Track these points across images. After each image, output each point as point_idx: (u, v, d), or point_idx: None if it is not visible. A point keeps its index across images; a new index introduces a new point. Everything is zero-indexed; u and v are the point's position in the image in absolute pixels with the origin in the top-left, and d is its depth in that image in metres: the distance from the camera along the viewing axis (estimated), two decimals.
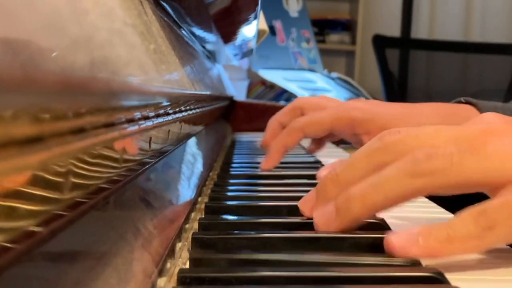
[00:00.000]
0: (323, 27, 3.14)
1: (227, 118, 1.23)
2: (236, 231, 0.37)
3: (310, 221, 0.39)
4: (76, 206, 0.20)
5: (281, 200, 0.47)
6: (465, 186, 0.35)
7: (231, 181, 0.59)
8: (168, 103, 0.36)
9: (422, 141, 0.37)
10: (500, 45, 2.46)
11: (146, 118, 0.29)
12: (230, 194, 0.52)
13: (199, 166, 0.58)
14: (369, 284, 0.29)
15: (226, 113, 1.21)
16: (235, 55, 1.20)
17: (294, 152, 0.79)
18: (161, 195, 0.39)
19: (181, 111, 0.43)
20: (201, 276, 0.28)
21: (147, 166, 0.35)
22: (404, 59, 2.30)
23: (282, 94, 2.34)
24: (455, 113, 0.64)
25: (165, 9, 0.55)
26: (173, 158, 0.48)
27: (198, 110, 0.56)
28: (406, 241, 0.32)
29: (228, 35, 0.84)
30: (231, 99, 1.21)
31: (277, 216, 0.43)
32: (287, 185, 0.57)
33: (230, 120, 1.24)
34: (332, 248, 0.35)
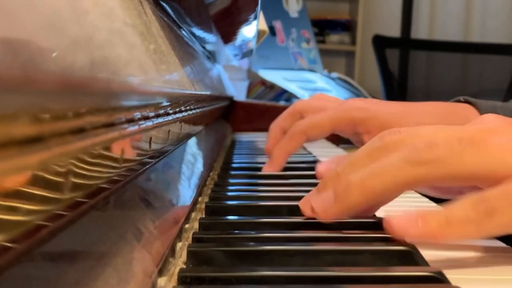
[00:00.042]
0: (323, 27, 3.14)
1: (227, 118, 1.23)
2: (236, 231, 0.37)
3: (310, 221, 0.39)
4: (76, 206, 0.21)
5: (281, 200, 0.47)
6: (465, 177, 0.35)
7: (231, 181, 0.59)
8: (168, 103, 0.36)
9: (423, 137, 0.37)
10: (500, 45, 2.46)
11: (146, 118, 0.29)
12: (230, 194, 0.52)
13: (199, 166, 0.58)
14: (369, 283, 0.29)
15: (226, 113, 1.21)
16: (235, 56, 1.20)
17: (294, 153, 0.79)
18: (161, 195, 0.39)
19: (181, 111, 0.43)
20: (201, 276, 0.28)
21: (147, 166, 0.35)
22: (404, 59, 2.30)
23: (282, 94, 2.34)
24: (454, 112, 0.64)
25: (165, 9, 0.55)
26: (173, 158, 0.48)
27: (198, 110, 0.56)
28: (405, 222, 0.33)
29: (228, 35, 0.84)
30: (231, 99, 1.21)
31: (277, 216, 0.43)
32: (287, 185, 0.57)
33: (230, 120, 1.24)
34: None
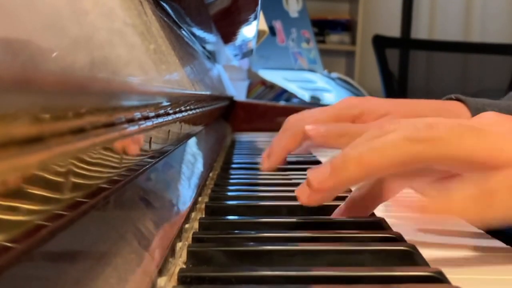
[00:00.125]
0: (323, 27, 3.14)
1: (227, 118, 1.23)
2: (236, 231, 0.37)
3: (310, 221, 0.39)
4: (76, 206, 0.21)
5: (281, 200, 0.47)
6: (463, 160, 0.35)
7: (231, 181, 0.59)
8: (168, 103, 0.36)
9: (420, 130, 0.37)
10: (500, 45, 2.46)
11: (146, 118, 0.29)
12: (230, 194, 0.52)
13: (199, 166, 0.58)
14: (369, 283, 0.29)
15: (226, 113, 1.21)
16: (235, 56, 1.20)
17: (295, 152, 0.79)
18: (161, 195, 0.39)
19: (181, 111, 0.43)
20: (201, 276, 0.28)
21: (147, 166, 0.35)
22: (404, 59, 2.30)
23: (282, 94, 2.34)
24: (447, 109, 0.65)
25: (165, 9, 0.55)
26: (173, 158, 0.48)
27: (198, 110, 0.56)
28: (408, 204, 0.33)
29: (228, 35, 0.84)
30: (231, 99, 1.21)
31: (277, 216, 0.43)
32: (287, 185, 0.57)
33: (230, 120, 1.24)
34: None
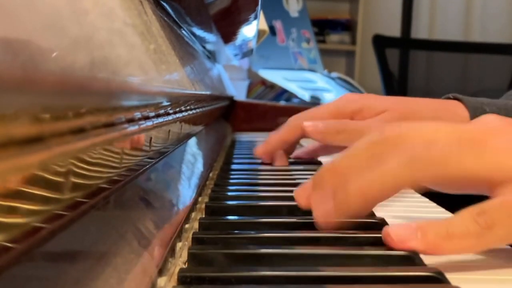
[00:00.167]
0: (323, 27, 3.14)
1: (227, 118, 1.23)
2: (236, 231, 0.37)
3: (310, 221, 0.39)
4: (76, 206, 0.21)
5: (281, 200, 0.47)
6: (463, 180, 0.34)
7: (231, 181, 0.59)
8: (168, 103, 0.36)
9: (423, 135, 0.37)
10: (500, 45, 2.46)
11: (146, 118, 0.29)
12: (230, 194, 0.52)
13: (199, 166, 0.58)
14: (369, 283, 0.29)
15: (226, 113, 1.21)
16: (235, 55, 1.20)
17: (296, 155, 0.79)
18: (161, 195, 0.39)
19: (181, 111, 0.43)
20: (201, 276, 0.28)
21: (147, 166, 0.35)
22: (404, 59, 2.30)
23: (282, 94, 2.34)
24: (445, 108, 0.65)
25: (165, 9, 0.55)
26: (173, 158, 0.48)
27: (198, 110, 0.56)
28: (404, 234, 0.32)
29: (228, 35, 0.84)
30: (231, 99, 1.21)
31: (277, 216, 0.43)
32: (287, 185, 0.57)
33: (230, 120, 1.24)
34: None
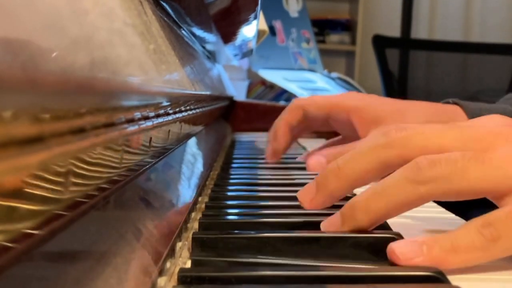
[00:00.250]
0: (323, 27, 3.14)
1: (227, 118, 1.23)
2: (236, 231, 0.37)
3: (310, 221, 0.39)
4: (76, 206, 0.21)
5: (281, 200, 0.47)
6: (470, 192, 0.34)
7: (231, 181, 0.59)
8: (168, 103, 0.36)
9: (428, 138, 0.36)
10: (500, 45, 2.46)
11: (146, 118, 0.29)
12: (230, 194, 0.52)
13: (199, 166, 0.58)
14: (369, 283, 0.29)
15: (226, 113, 1.21)
16: (235, 55, 1.20)
17: (295, 152, 0.79)
18: (161, 195, 0.39)
19: (181, 111, 0.43)
20: (201, 276, 0.28)
21: (147, 166, 0.35)
22: (404, 59, 2.30)
23: (282, 94, 2.34)
24: (444, 113, 0.66)
25: (165, 9, 0.55)
26: (173, 158, 0.48)
27: (198, 110, 0.56)
28: (409, 250, 0.32)
29: (228, 35, 0.84)
30: (231, 99, 1.21)
31: (277, 216, 0.43)
32: (287, 185, 0.57)
33: (230, 120, 1.24)
34: (332, 248, 0.35)
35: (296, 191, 0.49)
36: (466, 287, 0.28)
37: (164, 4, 0.54)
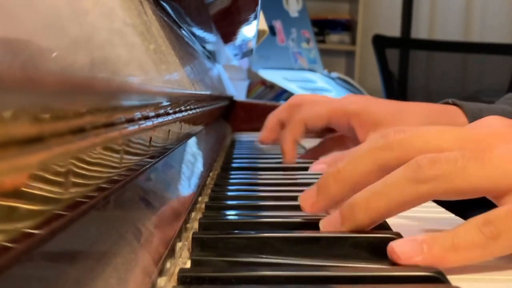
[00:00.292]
0: (323, 27, 3.14)
1: (227, 118, 1.23)
2: (236, 231, 0.37)
3: (310, 221, 0.39)
4: (76, 206, 0.21)
5: (281, 200, 0.47)
6: (469, 191, 0.34)
7: (231, 181, 0.59)
8: (168, 103, 0.36)
9: (427, 140, 0.36)
10: (500, 45, 2.46)
11: (146, 118, 0.29)
12: (230, 194, 0.52)
13: (199, 166, 0.58)
14: (369, 283, 0.29)
15: (226, 113, 1.21)
16: (235, 55, 1.20)
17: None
18: (161, 195, 0.39)
19: (181, 111, 0.43)
20: (201, 276, 0.28)
21: (147, 166, 0.35)
22: (404, 59, 2.30)
23: (282, 94, 2.34)
24: (443, 114, 0.66)
25: (165, 9, 0.55)
26: (173, 158, 0.48)
27: (198, 110, 0.56)
28: (410, 249, 0.32)
29: (228, 35, 0.84)
30: (231, 99, 1.21)
31: (277, 216, 0.43)
32: (287, 185, 0.57)
33: (230, 120, 1.24)
34: (332, 248, 0.35)
35: (296, 191, 0.49)
36: (466, 287, 0.28)
37: (164, 4, 0.54)
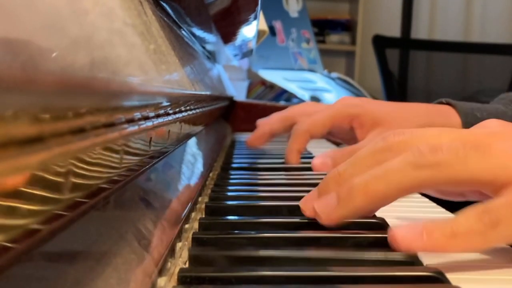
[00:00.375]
0: (323, 27, 3.14)
1: (227, 118, 1.23)
2: (236, 231, 0.37)
3: (310, 221, 0.39)
4: (76, 206, 0.21)
5: (281, 200, 0.47)
6: (468, 181, 0.35)
7: (231, 181, 0.59)
8: (168, 103, 0.36)
9: (428, 140, 0.37)
10: (500, 45, 2.46)
11: (146, 118, 0.29)
12: (230, 194, 0.52)
13: (199, 166, 0.58)
14: (369, 283, 0.29)
15: (226, 113, 1.21)
16: (235, 56, 1.20)
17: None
18: (161, 195, 0.39)
19: (181, 111, 0.43)
20: (201, 276, 0.28)
21: (147, 166, 0.35)
22: (404, 59, 2.30)
23: (282, 94, 2.34)
24: (438, 113, 0.68)
25: (165, 9, 0.55)
26: (173, 158, 0.48)
27: (198, 110, 0.56)
28: (409, 235, 0.32)
29: (228, 35, 0.84)
30: (231, 99, 1.21)
31: (277, 216, 0.43)
32: (287, 185, 0.57)
33: (230, 120, 1.24)
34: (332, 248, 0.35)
35: (296, 191, 0.49)
36: (466, 287, 0.28)
37: (164, 4, 0.54)
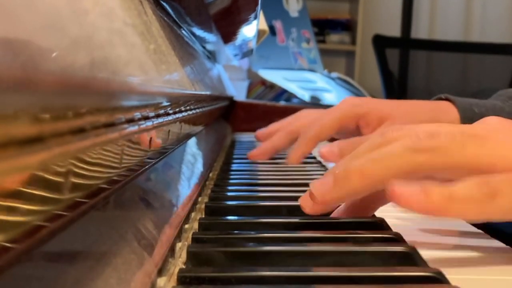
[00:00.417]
0: (323, 27, 3.14)
1: (227, 118, 1.23)
2: (236, 231, 0.37)
3: (310, 221, 0.39)
4: (76, 206, 0.21)
5: (281, 200, 0.47)
6: (465, 168, 0.35)
7: (231, 181, 0.59)
8: (168, 103, 0.36)
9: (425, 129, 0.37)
10: (500, 45, 2.46)
11: (146, 118, 0.29)
12: (230, 194, 0.52)
13: (199, 166, 0.58)
14: (369, 283, 0.29)
15: (226, 113, 1.21)
16: (235, 55, 1.20)
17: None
18: (161, 195, 0.39)
19: (181, 111, 0.43)
20: (201, 276, 0.28)
21: (147, 166, 0.35)
22: (404, 59, 2.30)
23: (282, 94, 2.34)
24: (438, 109, 0.69)
25: (165, 9, 0.55)
26: (173, 158, 0.48)
27: (198, 110, 0.56)
28: (409, 193, 0.32)
29: (228, 35, 0.84)
30: (231, 99, 1.21)
31: (277, 216, 0.43)
32: (287, 185, 0.57)
33: (230, 120, 1.24)
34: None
35: (296, 191, 0.49)
36: (466, 287, 0.28)
37: (164, 4, 0.54)
